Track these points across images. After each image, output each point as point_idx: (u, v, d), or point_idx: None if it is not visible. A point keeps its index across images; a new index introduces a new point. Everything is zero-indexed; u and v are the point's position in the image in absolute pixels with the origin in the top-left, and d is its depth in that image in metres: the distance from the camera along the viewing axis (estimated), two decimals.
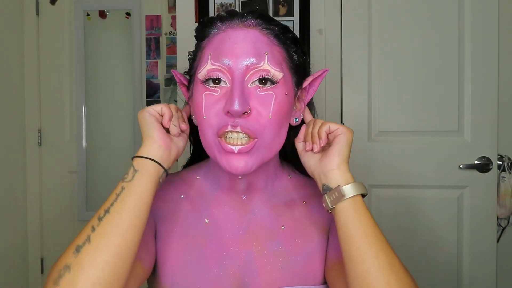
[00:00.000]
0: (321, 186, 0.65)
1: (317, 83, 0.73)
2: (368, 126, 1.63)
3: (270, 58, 0.64)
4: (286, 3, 1.66)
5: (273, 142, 0.65)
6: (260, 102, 0.63)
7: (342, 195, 0.61)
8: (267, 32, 0.66)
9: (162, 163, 0.63)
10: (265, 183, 0.73)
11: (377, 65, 1.62)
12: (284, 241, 0.71)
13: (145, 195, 0.60)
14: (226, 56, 0.63)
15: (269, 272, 0.69)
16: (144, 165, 0.62)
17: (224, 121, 0.62)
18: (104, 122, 2.27)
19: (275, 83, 0.64)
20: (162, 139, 0.64)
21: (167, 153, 0.64)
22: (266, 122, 0.63)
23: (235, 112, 0.60)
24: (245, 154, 0.63)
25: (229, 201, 0.73)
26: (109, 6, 2.26)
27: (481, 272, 1.58)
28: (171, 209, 0.73)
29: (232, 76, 0.63)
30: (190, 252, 0.69)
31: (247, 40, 0.64)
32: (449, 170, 1.58)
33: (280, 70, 0.65)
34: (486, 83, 1.56)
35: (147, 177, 0.61)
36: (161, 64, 2.23)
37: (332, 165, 0.64)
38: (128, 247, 0.57)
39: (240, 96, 0.61)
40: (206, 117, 0.64)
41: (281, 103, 0.64)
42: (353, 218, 0.61)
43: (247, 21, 0.66)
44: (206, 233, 0.70)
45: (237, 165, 0.63)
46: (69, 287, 0.54)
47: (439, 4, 1.58)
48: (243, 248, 0.70)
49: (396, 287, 0.56)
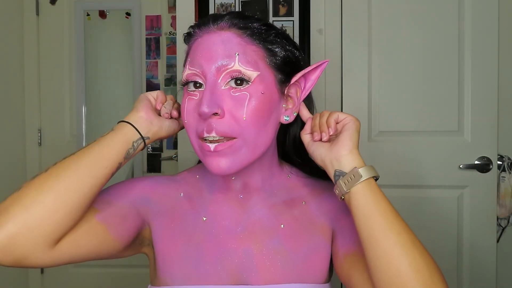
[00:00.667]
0: (332, 173, 0.65)
1: (314, 76, 0.72)
2: (368, 126, 1.63)
3: (242, 58, 0.64)
4: (286, 3, 1.66)
5: (255, 142, 0.65)
6: (233, 104, 0.64)
7: (359, 177, 0.62)
8: (242, 32, 0.66)
9: (140, 130, 0.67)
10: (262, 183, 0.74)
11: (377, 65, 1.62)
12: (284, 239, 0.71)
13: (109, 150, 0.64)
14: (199, 60, 0.66)
15: (267, 269, 0.69)
16: (120, 127, 0.68)
17: (202, 125, 0.64)
18: (104, 122, 2.27)
19: (250, 83, 0.64)
20: (145, 111, 0.69)
21: (147, 123, 0.68)
22: (242, 123, 0.63)
23: (204, 113, 0.62)
24: (225, 154, 0.64)
25: (226, 200, 0.74)
26: (109, 6, 2.26)
27: (481, 272, 1.58)
28: (170, 205, 0.73)
29: (206, 79, 0.65)
30: (188, 248, 0.70)
31: (218, 43, 0.65)
32: (449, 170, 1.58)
33: (254, 69, 0.65)
34: (486, 83, 1.56)
35: (118, 136, 0.66)
36: (161, 64, 2.23)
37: (344, 150, 0.64)
38: (75, 195, 0.60)
39: (209, 98, 0.62)
40: (187, 121, 0.67)
41: (256, 103, 0.64)
42: (372, 198, 0.61)
43: (221, 24, 0.67)
44: (203, 230, 0.71)
45: (217, 165, 0.64)
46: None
47: (439, 4, 1.58)
48: (241, 245, 0.70)
49: (421, 263, 0.57)
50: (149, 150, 2.24)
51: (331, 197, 0.75)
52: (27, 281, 2.25)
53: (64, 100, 2.26)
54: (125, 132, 0.67)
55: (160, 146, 2.24)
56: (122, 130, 0.67)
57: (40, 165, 2.24)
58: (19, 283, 2.20)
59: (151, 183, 0.75)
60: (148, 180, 0.76)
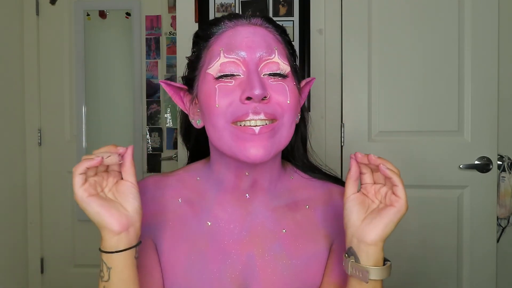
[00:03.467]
0: (347, 245, 0.63)
1: (306, 90, 0.76)
2: (368, 126, 1.63)
3: (279, 52, 0.67)
4: (286, 3, 1.66)
5: (291, 126, 0.66)
6: (275, 91, 0.65)
7: (366, 277, 0.59)
8: (272, 30, 0.69)
9: (129, 245, 0.60)
10: (269, 184, 0.73)
11: (377, 65, 1.62)
12: (285, 244, 0.70)
13: (128, 281, 0.60)
14: (239, 48, 0.65)
15: (269, 275, 0.69)
16: (115, 260, 0.59)
17: (243, 109, 0.62)
18: (104, 122, 2.27)
19: (285, 77, 0.66)
20: (115, 222, 0.58)
21: (128, 235, 0.59)
22: (286, 107, 0.64)
23: (257, 96, 0.61)
24: (264, 139, 0.62)
25: (232, 200, 0.72)
26: (109, 6, 2.26)
27: (481, 272, 1.58)
28: (170, 215, 0.71)
29: (247, 66, 0.65)
30: (192, 255, 0.69)
31: (257, 35, 0.67)
32: (449, 170, 1.58)
33: (288, 64, 0.67)
34: (486, 83, 1.56)
35: (122, 269, 0.60)
36: (161, 64, 2.23)
37: (370, 238, 0.59)
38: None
39: (259, 81, 0.62)
40: (220, 105, 0.63)
41: (294, 92, 0.67)
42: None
43: (253, 20, 0.68)
44: (208, 236, 0.70)
45: (256, 152, 0.62)
46: None
47: (439, 4, 1.58)
48: (245, 250, 0.70)
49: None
50: (149, 150, 2.24)
51: (336, 207, 0.74)
52: (27, 281, 2.25)
53: (64, 100, 2.26)
54: (123, 260, 0.59)
55: (160, 146, 2.24)
56: (119, 262, 0.60)
57: (40, 165, 2.24)
58: (19, 283, 2.19)
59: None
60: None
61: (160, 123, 2.24)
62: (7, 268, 2.08)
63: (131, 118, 2.24)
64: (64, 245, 2.26)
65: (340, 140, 1.66)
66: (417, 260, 1.60)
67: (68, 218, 2.25)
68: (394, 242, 1.66)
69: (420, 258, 1.61)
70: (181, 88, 0.73)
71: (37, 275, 2.26)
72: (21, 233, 2.21)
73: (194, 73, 0.70)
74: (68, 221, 2.25)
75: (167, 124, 2.24)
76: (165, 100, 2.23)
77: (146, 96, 2.24)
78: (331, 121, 1.66)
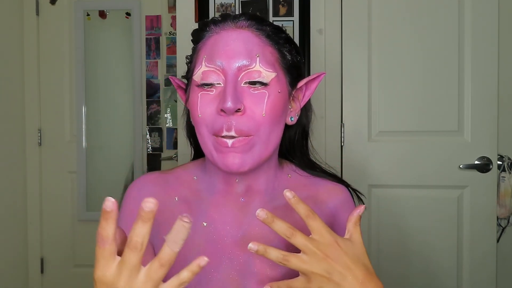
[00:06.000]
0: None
1: (313, 86, 0.74)
2: (368, 126, 1.63)
3: (262, 59, 0.65)
4: (286, 3, 1.66)
5: (268, 139, 0.66)
6: (253, 101, 0.64)
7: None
8: (259, 33, 0.67)
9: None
10: (266, 185, 0.72)
11: (377, 65, 1.62)
12: (284, 245, 0.70)
13: None
14: (219, 57, 0.65)
15: (268, 276, 0.68)
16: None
17: (220, 122, 0.63)
18: (104, 122, 2.28)
19: (266, 85, 0.65)
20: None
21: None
22: (260, 120, 0.64)
23: (228, 109, 0.61)
24: (240, 151, 0.63)
25: (227, 203, 0.72)
26: (109, 6, 2.26)
27: (481, 272, 1.58)
28: (166, 214, 0.71)
29: (225, 76, 0.64)
30: (188, 255, 0.67)
31: (239, 41, 0.65)
32: (449, 170, 1.58)
33: (273, 70, 0.66)
34: (486, 83, 1.56)
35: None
36: (161, 64, 2.23)
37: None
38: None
39: (233, 93, 0.62)
40: (201, 115, 0.65)
41: (274, 101, 0.65)
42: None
43: (239, 22, 0.67)
44: (204, 236, 0.69)
45: (232, 161, 0.63)
46: None
47: (439, 4, 1.58)
48: (242, 252, 0.69)
49: None
50: (149, 150, 2.24)
51: (334, 205, 0.74)
52: (27, 281, 2.25)
53: (64, 100, 2.26)
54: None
55: (160, 146, 2.24)
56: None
57: (40, 165, 2.24)
58: (19, 283, 2.19)
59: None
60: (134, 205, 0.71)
61: (160, 123, 2.25)
62: (7, 268, 2.08)
63: (131, 118, 2.24)
64: (64, 245, 2.26)
65: (340, 140, 1.66)
66: (417, 260, 1.60)
67: (68, 218, 2.25)
68: (394, 242, 1.66)
69: (420, 258, 1.61)
70: (182, 87, 0.75)
71: (37, 275, 2.26)
72: (21, 233, 2.21)
73: (188, 74, 0.72)
74: (68, 221, 2.25)
75: (167, 124, 2.24)
76: (165, 100, 2.23)
77: (146, 96, 2.24)
78: (331, 121, 1.66)
